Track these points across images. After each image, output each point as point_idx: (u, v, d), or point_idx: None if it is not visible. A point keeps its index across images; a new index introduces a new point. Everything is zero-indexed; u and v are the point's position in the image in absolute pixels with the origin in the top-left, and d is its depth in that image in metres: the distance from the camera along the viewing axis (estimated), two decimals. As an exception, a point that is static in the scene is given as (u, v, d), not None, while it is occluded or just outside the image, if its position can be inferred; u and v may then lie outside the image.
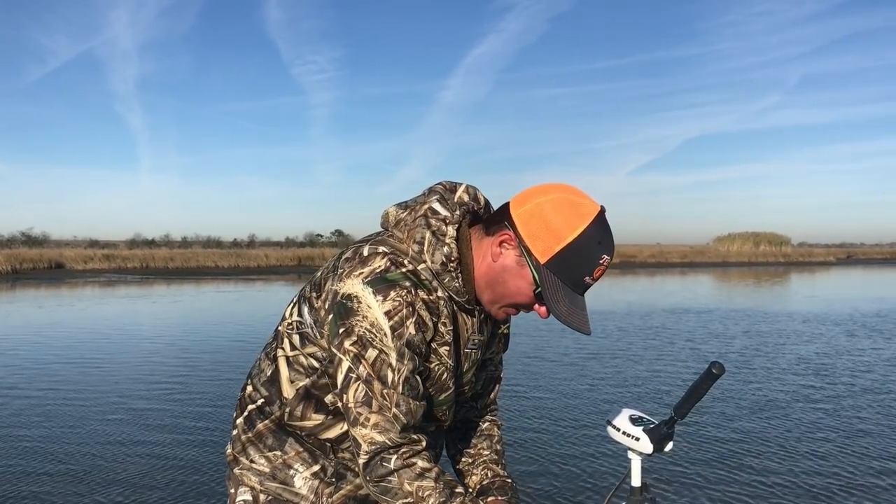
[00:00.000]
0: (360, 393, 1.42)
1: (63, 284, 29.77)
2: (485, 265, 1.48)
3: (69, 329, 14.54)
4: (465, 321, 1.54)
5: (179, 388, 8.61)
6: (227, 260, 44.55)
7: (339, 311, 1.43)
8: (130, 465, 5.65)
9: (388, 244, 1.49)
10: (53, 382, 8.88)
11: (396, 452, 1.41)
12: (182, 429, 6.72)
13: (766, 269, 52.14)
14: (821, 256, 69.22)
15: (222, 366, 10.16)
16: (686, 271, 46.62)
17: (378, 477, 1.42)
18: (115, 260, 41.61)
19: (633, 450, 1.49)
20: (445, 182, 1.56)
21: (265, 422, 1.61)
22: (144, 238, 55.98)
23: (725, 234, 72.31)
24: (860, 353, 11.77)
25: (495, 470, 1.74)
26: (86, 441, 6.30)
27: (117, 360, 10.68)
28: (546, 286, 1.42)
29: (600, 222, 1.41)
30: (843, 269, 53.61)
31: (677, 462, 5.68)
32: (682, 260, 58.77)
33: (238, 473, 1.64)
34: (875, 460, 5.92)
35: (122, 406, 7.64)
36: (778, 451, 6.14)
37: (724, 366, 1.39)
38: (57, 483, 5.23)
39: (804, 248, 75.45)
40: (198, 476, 5.39)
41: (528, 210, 1.43)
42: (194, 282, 32.31)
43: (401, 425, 1.42)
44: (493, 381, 1.81)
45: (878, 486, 5.32)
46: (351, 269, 1.44)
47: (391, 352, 1.40)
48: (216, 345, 12.43)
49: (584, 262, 1.40)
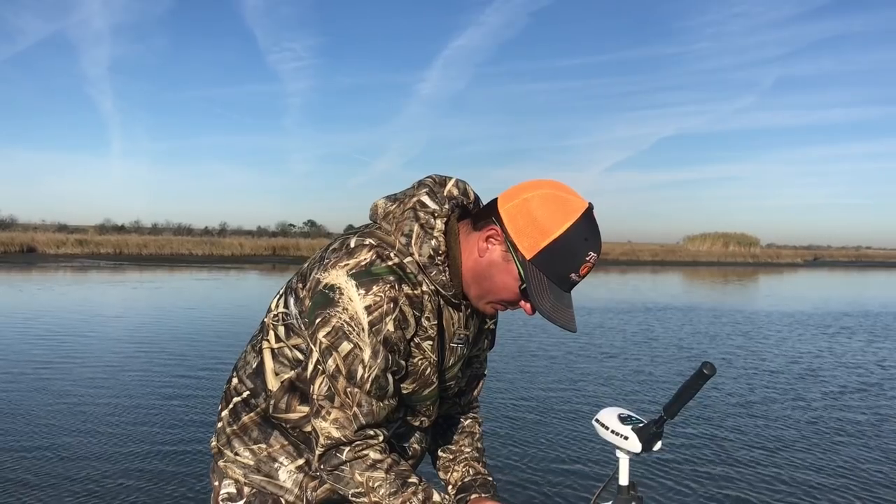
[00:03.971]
0: (324, 387, 1.43)
1: (35, 268, 29.25)
2: (471, 260, 1.48)
3: (52, 313, 14.26)
4: (451, 316, 1.54)
5: (166, 377, 8.52)
6: (201, 248, 44.09)
7: (319, 300, 1.42)
8: (112, 455, 5.56)
9: (376, 237, 1.48)
10: (37, 367, 8.73)
11: (349, 445, 1.43)
12: (167, 420, 6.63)
13: (735, 268, 52.80)
14: (788, 258, 70.18)
15: (207, 355, 10.06)
16: (658, 269, 47.05)
17: (331, 467, 1.45)
18: (88, 245, 41.01)
19: (621, 448, 1.49)
20: (435, 175, 1.55)
21: (250, 414, 1.60)
22: (114, 224, 55.14)
23: (696, 234, 73.09)
24: (844, 352, 12.01)
25: (476, 467, 1.74)
26: (66, 430, 6.19)
27: (102, 346, 10.52)
28: (531, 282, 1.41)
29: (587, 219, 1.41)
30: (810, 270, 54.46)
31: (665, 461, 5.72)
32: (654, 258, 59.27)
33: (222, 466, 1.63)
34: (865, 457, 6.03)
35: (106, 395, 7.53)
36: (765, 449, 6.22)
37: (716, 366, 1.40)
38: (34, 471, 5.14)
39: (772, 248, 76.35)
40: (181, 468, 5.32)
41: (515, 205, 1.43)
42: (168, 269, 31.93)
43: (358, 425, 1.43)
44: (477, 378, 1.81)
45: (869, 481, 5.44)
46: (337, 260, 1.43)
47: (366, 348, 1.39)
48: (199, 332, 12.30)
49: (570, 258, 1.40)
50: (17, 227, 48.92)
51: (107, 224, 54.81)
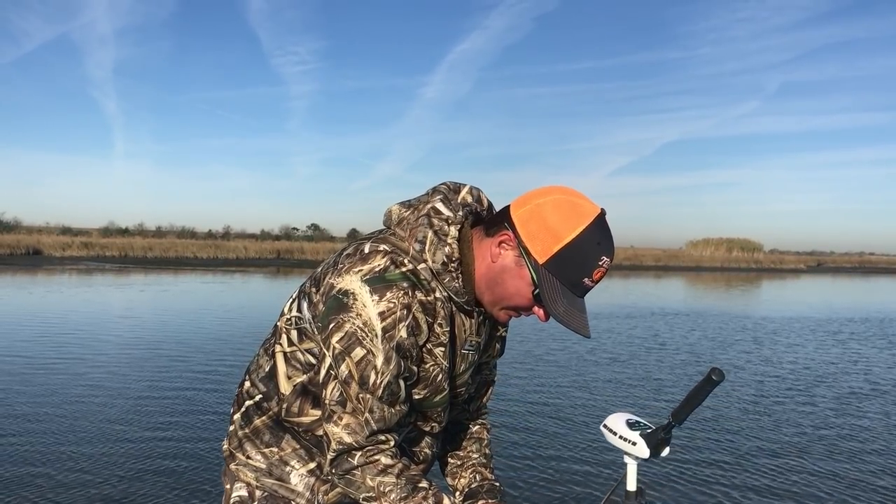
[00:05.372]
0: (336, 392, 1.44)
1: (41, 270, 29.30)
2: (484, 266, 1.49)
3: (62, 315, 14.28)
4: (464, 322, 1.54)
5: (177, 380, 8.52)
6: (206, 251, 44.20)
7: (332, 304, 1.42)
8: (122, 458, 5.56)
9: (390, 242, 1.49)
10: (48, 370, 8.76)
11: (361, 450, 1.44)
12: (179, 423, 6.63)
13: (738, 274, 52.70)
14: (791, 263, 70.08)
15: (218, 357, 10.05)
16: (661, 274, 46.97)
17: (343, 471, 1.46)
18: (93, 247, 41.18)
19: (629, 454, 1.49)
20: (449, 182, 1.57)
21: (262, 418, 1.61)
22: (118, 226, 55.23)
23: (699, 239, 73.04)
24: (855, 358, 11.97)
25: (484, 473, 1.75)
26: (77, 434, 6.20)
27: (113, 350, 10.52)
28: (544, 287, 1.41)
29: (600, 223, 1.41)
30: (814, 276, 54.33)
31: (673, 466, 5.70)
32: (656, 263, 59.22)
33: (234, 469, 1.64)
34: (879, 464, 6.02)
35: (119, 397, 7.54)
36: (776, 455, 6.20)
37: (724, 372, 1.41)
38: (47, 472, 5.15)
39: (775, 254, 76.23)
40: (193, 471, 5.33)
41: (527, 211, 1.44)
42: (173, 272, 31.95)
43: (370, 430, 1.44)
44: (486, 385, 1.81)
45: (880, 486, 5.42)
46: (351, 266, 1.44)
47: (378, 354, 1.40)
48: (208, 335, 12.30)
49: (582, 262, 1.40)
50: (22, 229, 49.07)
51: (111, 227, 54.93)
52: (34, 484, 4.96)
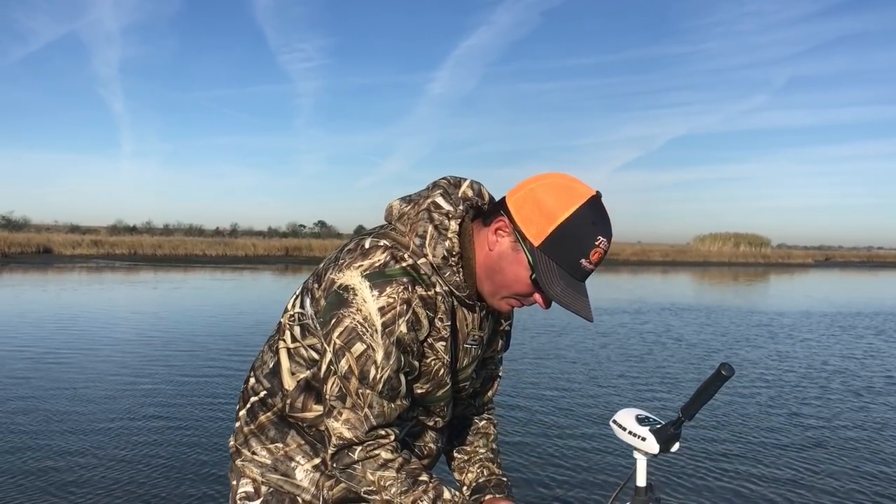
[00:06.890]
0: (336, 387, 1.45)
1: (51, 269, 29.50)
2: (482, 255, 1.48)
3: (77, 312, 14.34)
4: (465, 316, 1.54)
5: (190, 376, 8.56)
6: (215, 248, 44.40)
7: (333, 300, 1.43)
8: (130, 455, 5.58)
9: (390, 237, 1.49)
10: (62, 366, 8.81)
11: (361, 445, 1.45)
12: (186, 420, 6.65)
13: (746, 269, 52.52)
14: (799, 258, 69.76)
15: (228, 354, 10.09)
16: (668, 270, 46.87)
17: (343, 466, 1.47)
18: (102, 246, 41.41)
19: (638, 450, 1.48)
20: (450, 177, 1.56)
21: (267, 414, 1.61)
22: (126, 224, 55.53)
23: (706, 234, 72.77)
24: (869, 352, 11.91)
25: (491, 468, 1.75)
26: (86, 430, 6.22)
27: (126, 347, 10.55)
28: (540, 269, 1.41)
29: (594, 204, 1.40)
30: (822, 271, 54.10)
31: (683, 462, 5.67)
32: (664, 259, 59.07)
33: (240, 465, 1.64)
34: (893, 455, 6.00)
35: (129, 393, 7.58)
36: (788, 450, 6.16)
37: (734, 367, 1.39)
38: (52, 464, 5.17)
39: (783, 249, 76.00)
40: (201, 466, 5.35)
41: (521, 196, 1.44)
42: (183, 269, 32.12)
43: (369, 426, 1.44)
44: (492, 380, 1.81)
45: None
46: (351, 261, 1.44)
47: (379, 349, 1.40)
48: (221, 332, 12.35)
49: (578, 242, 1.39)
50: (30, 227, 49.39)
51: (118, 225, 55.22)
52: (45, 475, 4.98)
